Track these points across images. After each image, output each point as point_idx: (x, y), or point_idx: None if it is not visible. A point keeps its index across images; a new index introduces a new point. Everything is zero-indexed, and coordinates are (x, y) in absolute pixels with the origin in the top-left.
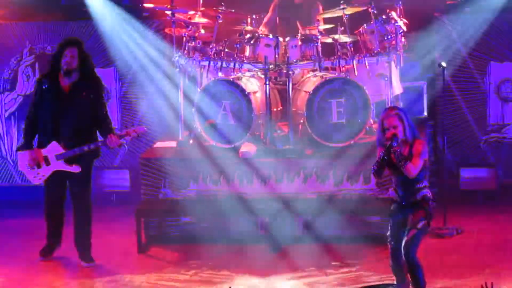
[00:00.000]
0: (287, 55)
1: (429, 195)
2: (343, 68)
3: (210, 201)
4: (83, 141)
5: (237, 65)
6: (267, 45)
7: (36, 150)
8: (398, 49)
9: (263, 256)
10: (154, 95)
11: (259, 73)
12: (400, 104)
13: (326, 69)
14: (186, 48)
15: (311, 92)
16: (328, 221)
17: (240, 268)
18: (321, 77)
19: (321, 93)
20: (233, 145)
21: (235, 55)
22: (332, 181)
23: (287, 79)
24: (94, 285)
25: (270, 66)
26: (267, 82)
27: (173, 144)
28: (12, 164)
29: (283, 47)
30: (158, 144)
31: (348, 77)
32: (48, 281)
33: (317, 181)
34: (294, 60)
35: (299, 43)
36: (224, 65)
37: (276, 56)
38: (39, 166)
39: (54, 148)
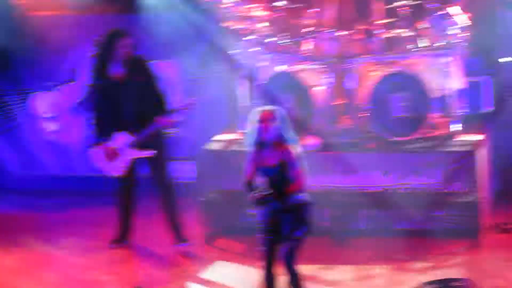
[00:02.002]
0: (349, 48)
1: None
2: (405, 63)
3: None
4: (148, 122)
5: (297, 59)
6: (329, 39)
7: (107, 143)
8: (460, 43)
9: (330, 247)
10: (215, 89)
11: (320, 66)
12: (463, 99)
13: (389, 63)
14: (246, 42)
15: (373, 85)
16: (393, 215)
17: (307, 260)
18: (384, 70)
19: (383, 87)
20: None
21: (296, 49)
22: (396, 175)
23: (348, 73)
24: (162, 274)
25: (332, 60)
26: (329, 76)
27: (237, 136)
28: (75, 154)
29: (345, 40)
30: (223, 136)
31: (411, 71)
32: (118, 270)
33: (380, 175)
34: (357, 54)
35: (361, 36)
36: (284, 58)
37: (338, 49)
38: (115, 158)
39: (124, 138)
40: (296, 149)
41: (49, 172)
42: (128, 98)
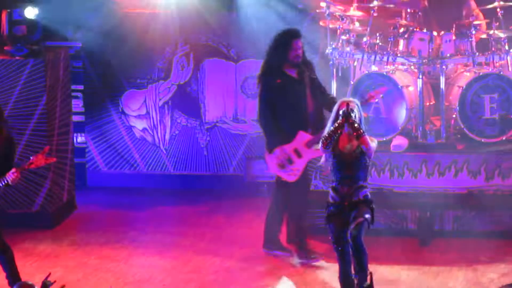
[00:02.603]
0: (441, 49)
1: (369, 196)
2: (497, 64)
3: None
4: (323, 121)
5: (390, 59)
6: (421, 39)
7: (283, 147)
8: None
9: (416, 249)
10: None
11: (412, 67)
12: None
13: (480, 64)
14: (340, 41)
15: (464, 87)
16: (478, 217)
17: (388, 260)
18: (475, 72)
19: (474, 88)
20: (384, 138)
21: (389, 49)
22: (483, 176)
23: (440, 74)
24: (242, 274)
25: (424, 61)
26: (421, 76)
27: (325, 135)
28: (164, 152)
29: (437, 41)
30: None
31: (502, 72)
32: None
33: (467, 176)
34: (448, 55)
35: (453, 37)
36: (377, 58)
37: (430, 50)
38: (290, 162)
39: (302, 138)
40: (372, 143)
41: (136, 170)
42: (305, 97)
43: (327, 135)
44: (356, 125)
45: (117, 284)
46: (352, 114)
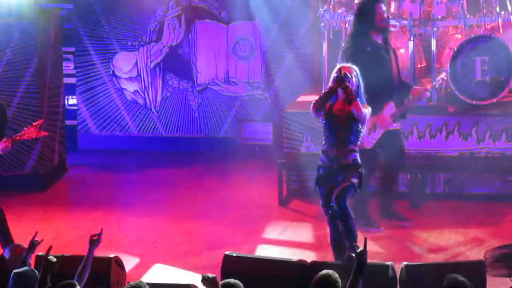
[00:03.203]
0: (432, 11)
1: (359, 160)
2: (488, 26)
3: None
4: (406, 95)
5: None
6: (413, 1)
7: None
8: None
9: (407, 211)
10: (298, 49)
11: (403, 29)
12: None
13: (471, 26)
14: (332, 3)
15: (455, 49)
16: (469, 179)
17: (379, 223)
18: (466, 34)
19: (465, 51)
20: None
21: None
22: (474, 138)
23: (431, 36)
24: (234, 236)
25: (415, 23)
26: (412, 39)
27: (317, 97)
28: (155, 114)
29: (428, 3)
30: (301, 98)
31: (493, 35)
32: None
33: (459, 138)
34: (439, 17)
35: None
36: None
37: (421, 12)
38: (371, 130)
39: (389, 109)
40: (366, 110)
41: (127, 132)
42: (391, 66)
43: (318, 98)
44: (348, 90)
45: (109, 246)
46: (346, 79)
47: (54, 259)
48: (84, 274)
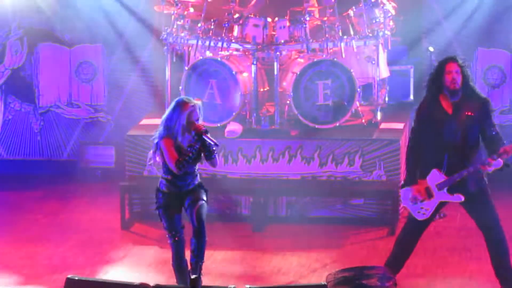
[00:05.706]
0: (275, 35)
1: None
2: (331, 50)
3: None
4: (465, 165)
5: (225, 45)
6: (256, 25)
7: (420, 182)
8: (386, 32)
9: (249, 234)
10: (141, 72)
11: (246, 53)
12: (387, 88)
13: (314, 50)
14: (175, 26)
15: (298, 73)
16: (312, 203)
17: (222, 246)
18: (308, 58)
19: (308, 75)
20: (219, 124)
21: (223, 35)
22: (317, 162)
23: (274, 60)
24: (77, 259)
25: (258, 47)
26: (255, 62)
27: (159, 121)
28: None
29: (272, 27)
30: (144, 121)
31: (335, 59)
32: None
33: (301, 162)
34: (282, 41)
35: (288, 24)
36: (212, 44)
37: (264, 36)
38: (423, 200)
39: (435, 177)
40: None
41: None
42: (452, 134)
43: (183, 160)
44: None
45: None
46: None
47: None
48: None
